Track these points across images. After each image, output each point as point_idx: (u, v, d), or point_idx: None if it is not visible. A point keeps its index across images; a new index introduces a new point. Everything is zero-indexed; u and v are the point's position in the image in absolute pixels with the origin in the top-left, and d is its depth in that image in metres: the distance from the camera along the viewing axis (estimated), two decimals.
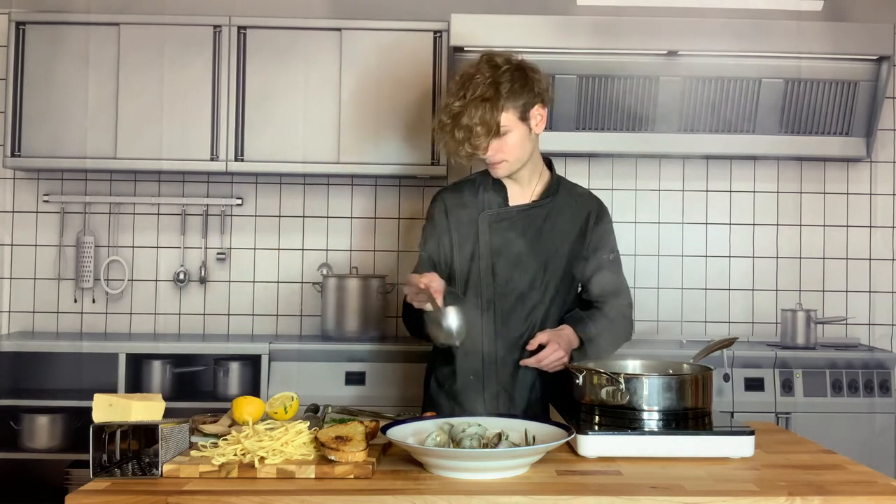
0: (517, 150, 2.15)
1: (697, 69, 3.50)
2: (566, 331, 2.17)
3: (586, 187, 2.38)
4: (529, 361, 2.14)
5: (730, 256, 3.79)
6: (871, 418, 3.36)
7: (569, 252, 2.23)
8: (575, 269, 2.25)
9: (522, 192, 2.26)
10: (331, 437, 1.60)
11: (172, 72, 3.44)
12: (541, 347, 2.14)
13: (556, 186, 2.27)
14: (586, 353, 2.16)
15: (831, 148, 3.65)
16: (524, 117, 2.14)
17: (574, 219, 2.26)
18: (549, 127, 3.56)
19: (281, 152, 3.44)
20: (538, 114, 2.17)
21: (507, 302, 2.21)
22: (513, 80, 2.10)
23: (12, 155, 3.43)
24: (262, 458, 1.56)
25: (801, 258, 3.79)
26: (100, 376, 3.33)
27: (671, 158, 3.75)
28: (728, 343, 2.08)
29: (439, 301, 1.97)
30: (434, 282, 2.00)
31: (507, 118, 2.10)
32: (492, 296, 2.21)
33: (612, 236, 2.31)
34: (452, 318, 1.97)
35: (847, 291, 3.78)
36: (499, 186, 2.25)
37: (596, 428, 1.75)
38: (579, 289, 2.31)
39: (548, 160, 2.32)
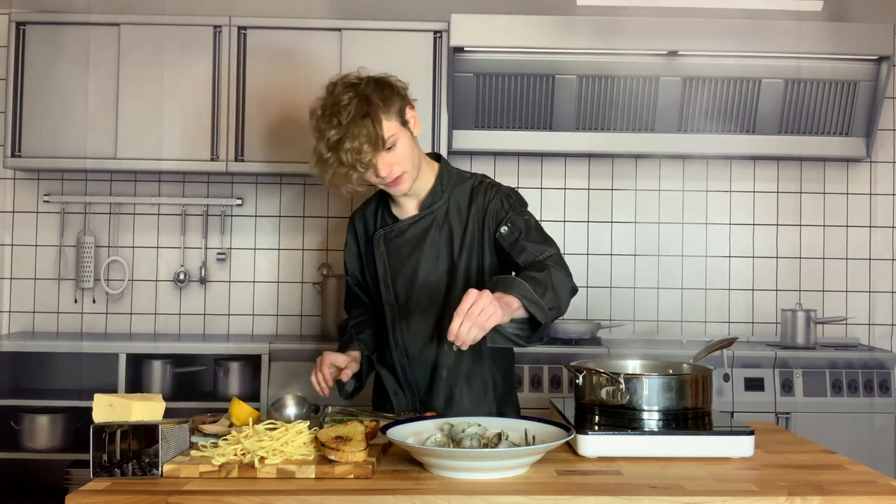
0: (410, 158, 2.03)
1: (697, 69, 3.50)
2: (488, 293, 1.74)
3: (472, 171, 2.23)
4: (452, 331, 1.69)
5: (730, 256, 3.79)
6: (871, 418, 3.36)
7: (478, 247, 2.09)
8: (491, 260, 2.09)
9: (415, 202, 2.14)
10: (331, 437, 1.60)
11: (172, 72, 3.44)
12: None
13: (441, 186, 2.12)
14: (531, 307, 1.81)
15: (831, 148, 3.65)
16: (404, 122, 2.03)
17: (466, 210, 2.10)
18: (549, 127, 3.65)
19: (281, 152, 3.44)
20: (412, 116, 2.08)
21: (412, 320, 2.13)
22: (380, 88, 2.00)
23: (12, 155, 3.43)
24: (262, 458, 1.56)
25: (801, 258, 3.79)
26: (100, 376, 3.33)
27: (671, 158, 3.76)
28: (728, 343, 2.08)
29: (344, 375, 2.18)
30: (327, 367, 2.17)
31: (391, 127, 1.98)
32: (395, 314, 2.15)
33: (514, 207, 2.08)
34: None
35: (847, 291, 3.78)
36: (392, 201, 2.15)
37: (596, 428, 1.75)
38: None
39: (436, 156, 2.20)
